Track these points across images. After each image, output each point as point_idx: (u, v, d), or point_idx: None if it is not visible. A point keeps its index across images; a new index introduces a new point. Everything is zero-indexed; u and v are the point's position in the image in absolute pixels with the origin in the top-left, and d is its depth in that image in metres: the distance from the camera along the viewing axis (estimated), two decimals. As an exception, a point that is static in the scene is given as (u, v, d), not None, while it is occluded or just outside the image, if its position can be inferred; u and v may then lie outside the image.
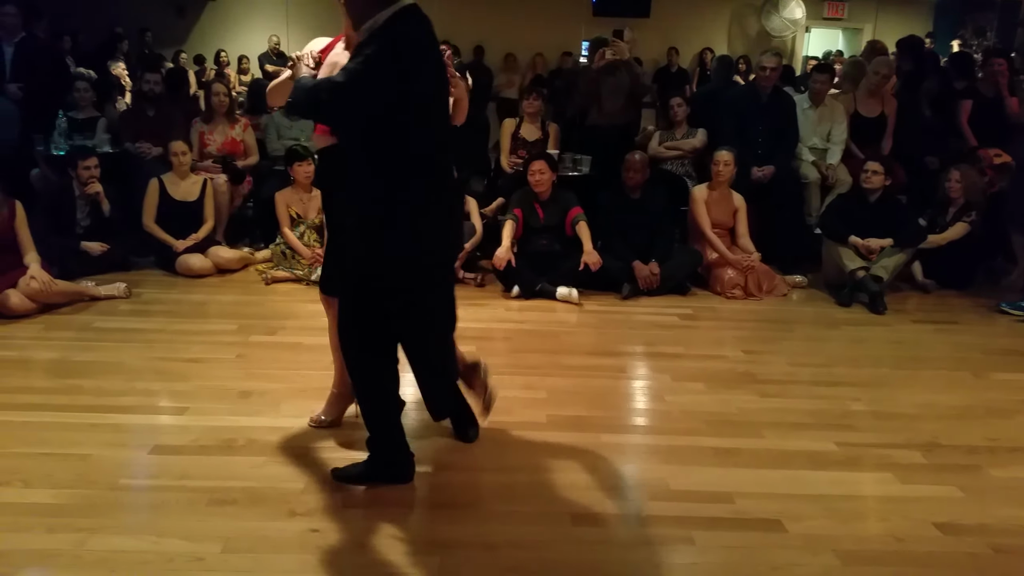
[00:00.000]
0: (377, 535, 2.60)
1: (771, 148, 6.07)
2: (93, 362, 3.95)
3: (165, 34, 11.85)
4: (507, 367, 4.10)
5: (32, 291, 4.57)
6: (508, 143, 6.37)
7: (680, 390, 3.86)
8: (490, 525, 2.66)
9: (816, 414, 3.63)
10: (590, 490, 2.90)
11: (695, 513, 2.76)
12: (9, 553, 2.43)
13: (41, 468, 2.91)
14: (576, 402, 3.67)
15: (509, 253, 5.22)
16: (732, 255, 5.55)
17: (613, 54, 6.08)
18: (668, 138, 6.52)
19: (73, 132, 6.17)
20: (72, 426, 3.26)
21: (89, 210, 5.52)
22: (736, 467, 3.11)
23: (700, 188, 5.76)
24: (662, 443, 3.30)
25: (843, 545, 2.61)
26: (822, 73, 6.61)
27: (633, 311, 5.14)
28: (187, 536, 2.54)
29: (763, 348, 4.53)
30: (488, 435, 3.29)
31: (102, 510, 2.68)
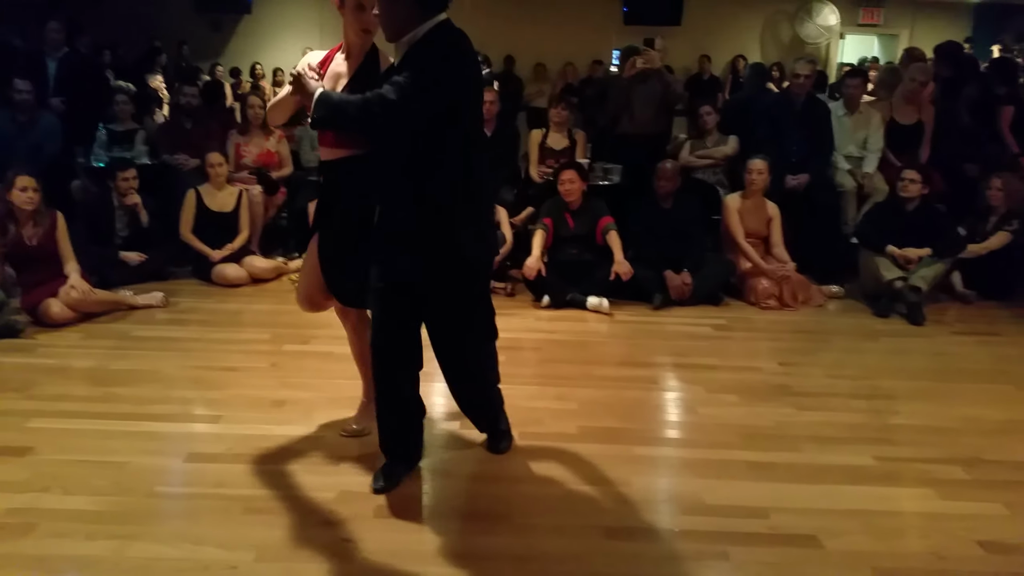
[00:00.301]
0: (409, 546, 2.61)
1: (805, 156, 6.01)
2: (131, 370, 4.01)
3: (202, 47, 12.03)
4: (538, 378, 4.10)
5: (72, 300, 4.66)
6: (536, 153, 6.39)
7: (714, 402, 3.82)
8: (522, 537, 2.65)
9: (854, 427, 3.57)
10: (623, 503, 2.88)
11: (730, 528, 2.73)
12: (50, 559, 2.47)
13: (80, 475, 2.96)
14: (608, 414, 3.65)
15: (539, 263, 5.22)
16: (766, 265, 5.49)
17: (644, 63, 6.06)
18: (699, 147, 6.48)
19: (112, 144, 6.29)
20: (110, 434, 3.31)
21: (128, 221, 5.62)
22: (772, 481, 3.06)
23: (733, 197, 5.72)
24: (696, 456, 3.27)
25: (882, 562, 2.56)
26: (855, 77, 6.53)
27: (665, 321, 5.10)
28: (222, 544, 2.56)
29: (799, 360, 4.47)
30: (519, 447, 3.28)
31: (139, 517, 2.71)
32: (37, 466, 3.01)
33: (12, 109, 5.97)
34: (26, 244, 4.71)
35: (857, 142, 6.27)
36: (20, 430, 3.31)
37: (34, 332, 4.52)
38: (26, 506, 2.74)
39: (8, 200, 4.65)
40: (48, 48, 6.53)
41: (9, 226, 4.68)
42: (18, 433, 3.28)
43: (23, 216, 4.69)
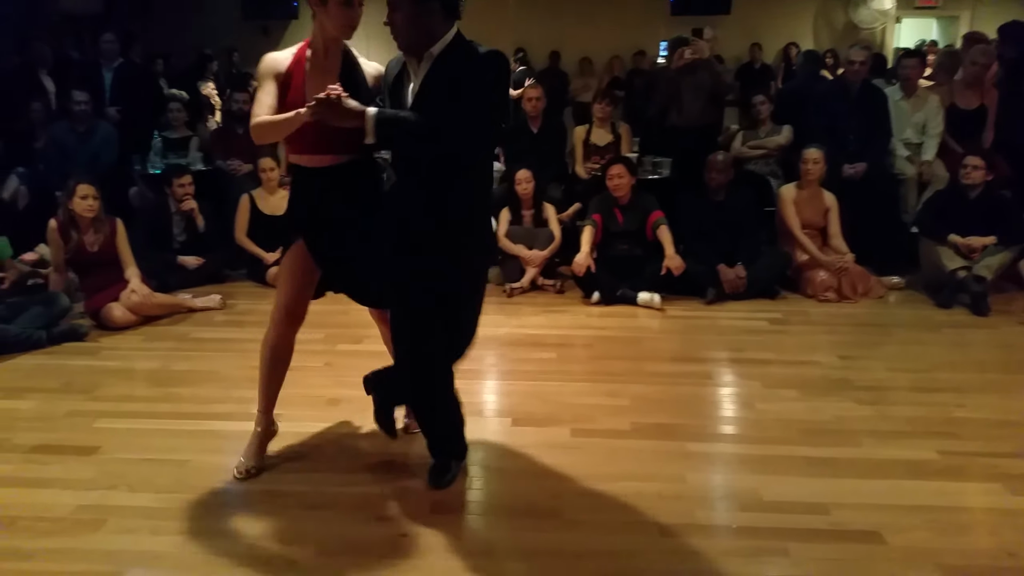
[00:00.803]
0: (463, 541, 2.62)
1: (862, 144, 5.87)
2: (191, 371, 4.10)
3: (252, 53, 12.21)
4: (589, 374, 4.09)
5: (133, 304, 4.79)
6: (581, 150, 6.36)
7: (771, 397, 3.75)
8: (575, 533, 2.64)
9: (916, 421, 3.48)
10: (678, 500, 2.85)
11: (789, 524, 2.68)
12: (117, 553, 2.54)
13: (145, 473, 3.04)
14: (661, 410, 3.61)
15: (589, 259, 5.19)
16: (824, 256, 5.39)
17: (692, 53, 5.99)
18: (752, 137, 6.39)
19: (168, 151, 6.45)
20: (173, 433, 3.39)
21: (184, 226, 5.75)
22: (832, 477, 3.01)
23: (788, 188, 5.62)
24: (753, 452, 3.22)
25: (948, 559, 2.49)
26: (912, 58, 6.36)
27: (718, 316, 5.04)
28: (281, 540, 2.61)
29: (859, 353, 4.38)
30: (572, 443, 3.27)
31: (201, 513, 2.77)
32: (104, 464, 3.10)
33: (71, 120, 6.15)
34: (88, 250, 4.85)
35: (915, 127, 6.11)
36: (88, 430, 3.41)
37: (97, 335, 4.65)
38: (95, 503, 2.82)
39: (70, 208, 4.79)
40: (103, 59, 6.71)
41: (71, 233, 4.82)
42: (86, 433, 3.38)
43: (84, 223, 4.83)
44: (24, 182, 6.27)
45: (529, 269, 5.54)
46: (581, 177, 6.31)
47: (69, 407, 3.65)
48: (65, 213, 4.82)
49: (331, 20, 2.70)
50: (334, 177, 2.83)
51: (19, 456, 3.17)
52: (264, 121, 2.69)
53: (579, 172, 6.35)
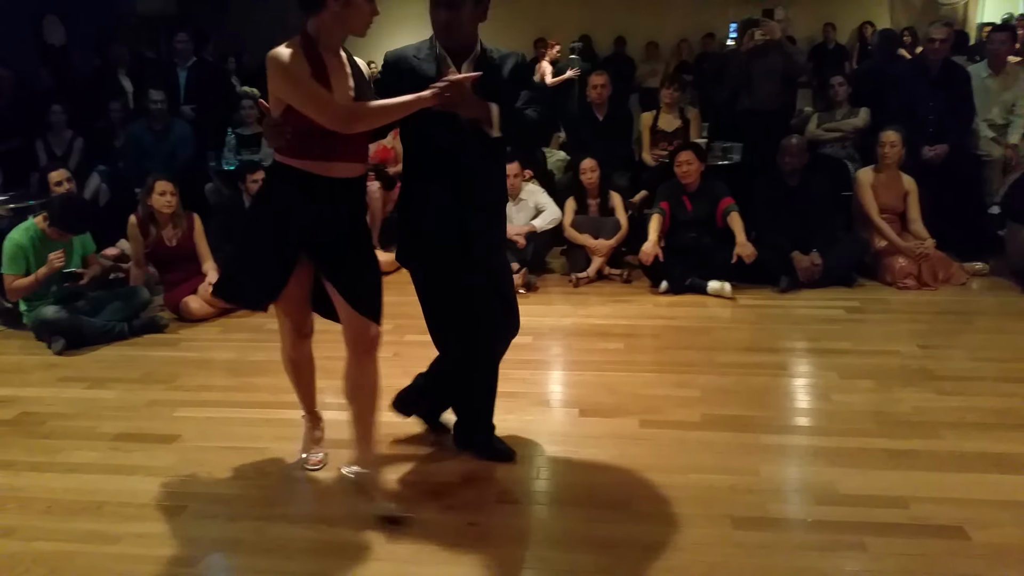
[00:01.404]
0: (533, 531, 2.63)
1: (943, 125, 5.65)
2: (266, 361, 4.19)
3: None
4: (657, 364, 4.04)
5: (210, 297, 4.92)
6: (648, 137, 6.29)
7: (848, 388, 3.66)
8: (646, 525, 2.62)
9: (1001, 413, 3.35)
10: (751, 492, 2.80)
11: (867, 518, 2.61)
12: (198, 538, 2.63)
13: (224, 460, 3.13)
14: (733, 401, 3.55)
15: (656, 248, 5.13)
16: (903, 242, 5.22)
17: (763, 34, 5.85)
18: (827, 119, 6.21)
19: (241, 148, 6.59)
20: (249, 421, 3.49)
21: (259, 219, 5.87)
22: (912, 470, 2.91)
23: (866, 171, 5.45)
24: (829, 444, 3.14)
25: (1037, 557, 2.39)
26: (1001, 32, 6.07)
27: (793, 305, 4.92)
28: (354, 526, 2.65)
29: (940, 342, 4.23)
30: (641, 434, 3.25)
31: (278, 500, 2.85)
32: (184, 452, 3.21)
33: (148, 119, 6.35)
34: (167, 245, 5.01)
35: (1003, 106, 5.85)
36: (168, 419, 3.54)
37: (176, 327, 4.81)
38: (176, 490, 2.92)
39: (149, 204, 4.95)
40: (178, 59, 6.90)
41: (151, 229, 4.99)
42: (166, 422, 3.51)
43: (163, 219, 4.99)
44: (105, 180, 6.52)
45: (595, 259, 5.51)
46: (648, 164, 6.24)
47: (150, 397, 3.78)
48: (144, 209, 4.98)
49: (357, 16, 2.55)
50: (350, 188, 2.67)
51: (104, 444, 3.31)
52: (375, 105, 2.53)
53: (646, 159, 6.28)
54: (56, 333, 4.43)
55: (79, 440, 3.34)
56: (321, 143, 2.52)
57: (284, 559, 2.51)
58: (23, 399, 3.79)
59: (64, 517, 2.76)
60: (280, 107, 2.53)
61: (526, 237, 5.44)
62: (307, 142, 2.53)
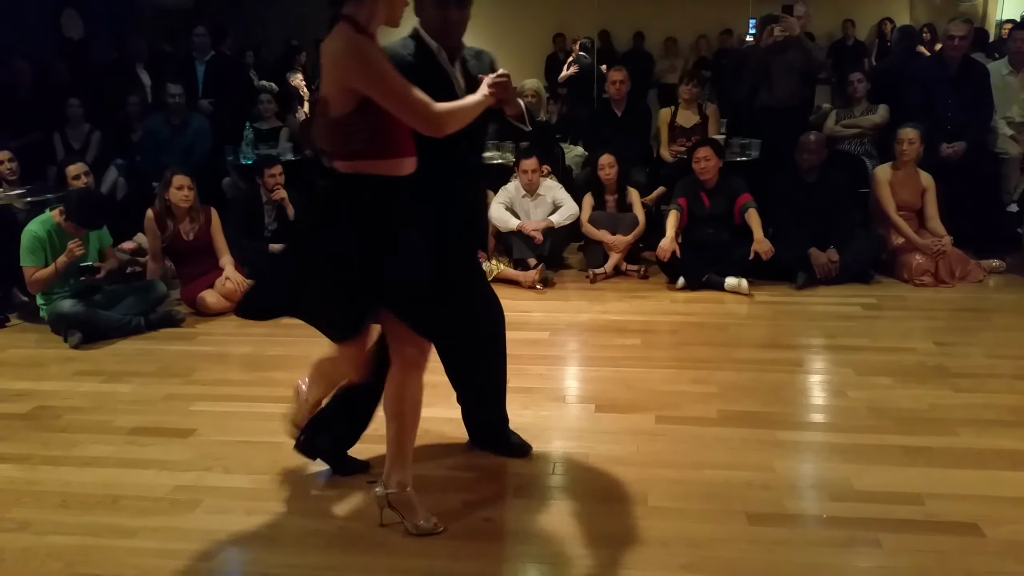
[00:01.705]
0: (547, 526, 2.62)
1: (962, 122, 5.61)
2: (283, 356, 4.21)
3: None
4: (674, 360, 4.03)
5: (227, 291, 4.95)
6: (666, 133, 6.28)
7: (864, 385, 3.64)
8: (662, 521, 2.62)
9: (1018, 410, 3.33)
10: (766, 489, 2.79)
11: (882, 515, 2.60)
12: (213, 532, 2.63)
13: (240, 455, 3.14)
14: (749, 397, 3.54)
15: (674, 244, 5.11)
16: (921, 239, 5.18)
17: (782, 30, 5.82)
18: (846, 116, 6.17)
19: (259, 142, 6.62)
20: (266, 416, 3.48)
21: (275, 214, 5.89)
22: (927, 467, 2.90)
23: (883, 168, 5.41)
24: (845, 441, 3.12)
25: (1055, 556, 2.37)
26: (1022, 30, 6.01)
27: (809, 301, 4.90)
28: (370, 520, 2.65)
29: (957, 339, 4.20)
30: (657, 430, 3.24)
31: (293, 495, 2.86)
32: (201, 447, 3.23)
33: (166, 112, 6.38)
34: (184, 239, 5.03)
35: (1022, 104, 5.79)
36: (184, 413, 3.56)
37: (193, 321, 4.84)
38: (192, 484, 2.94)
39: (166, 198, 4.98)
40: (196, 52, 6.93)
41: (168, 223, 5.01)
42: (183, 416, 3.52)
43: (180, 213, 5.01)
44: (122, 173, 6.55)
45: (612, 254, 5.50)
46: (666, 160, 6.22)
47: (167, 391, 3.80)
48: (162, 203, 5.00)
49: (395, 8, 2.41)
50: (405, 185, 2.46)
51: (120, 438, 3.33)
52: (455, 107, 2.39)
53: (664, 155, 6.27)
54: (73, 327, 4.46)
55: (95, 434, 3.37)
56: (394, 139, 2.36)
57: (300, 553, 2.52)
58: (39, 393, 3.82)
59: (79, 511, 2.78)
60: (348, 104, 2.30)
61: (543, 232, 5.44)
62: (380, 140, 2.33)
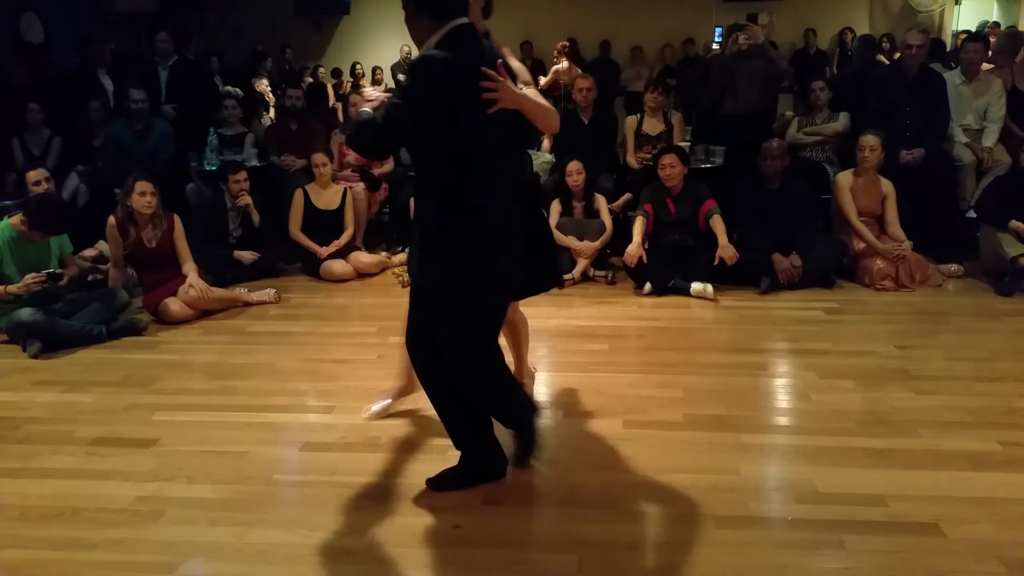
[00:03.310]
0: (516, 533, 2.63)
1: (920, 130, 5.72)
2: (247, 364, 4.18)
3: (304, 50, 12.39)
4: (641, 365, 4.06)
5: (191, 298, 4.89)
6: (632, 140, 6.32)
7: (827, 388, 3.69)
8: (629, 525, 2.63)
9: (977, 412, 3.39)
10: (732, 492, 2.81)
11: (845, 516, 2.64)
12: (177, 544, 2.60)
13: (203, 464, 3.10)
14: (714, 401, 3.57)
15: (640, 249, 5.15)
16: (881, 244, 5.27)
17: (747, 39, 5.90)
18: (808, 123, 6.27)
19: (223, 148, 6.55)
20: (230, 425, 3.46)
21: (240, 221, 5.85)
22: (889, 468, 2.94)
23: (845, 175, 5.50)
24: (808, 443, 3.16)
25: (1010, 552, 2.43)
26: (975, 42, 6.16)
27: (773, 306, 4.95)
28: (337, 530, 2.64)
29: (917, 342, 4.27)
30: (624, 435, 3.25)
31: (258, 504, 2.82)
32: (163, 456, 3.18)
33: (129, 118, 6.29)
34: (146, 246, 4.96)
35: (976, 112, 5.94)
36: (146, 423, 3.50)
37: (156, 330, 4.77)
38: (154, 494, 2.89)
39: (128, 205, 4.89)
40: (159, 57, 6.84)
41: (130, 229, 4.93)
42: (145, 426, 3.47)
43: (143, 220, 4.93)
44: (83, 180, 6.45)
45: (580, 260, 5.52)
46: (632, 167, 6.27)
47: (128, 400, 3.74)
48: (124, 210, 4.93)
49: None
50: None
51: (81, 448, 3.27)
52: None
53: (630, 162, 6.31)
54: (32, 336, 4.37)
55: (55, 445, 3.30)
56: None
57: (264, 564, 2.49)
58: (-2, 402, 3.74)
59: (38, 524, 2.72)
60: None
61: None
62: None
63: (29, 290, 4.40)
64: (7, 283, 4.44)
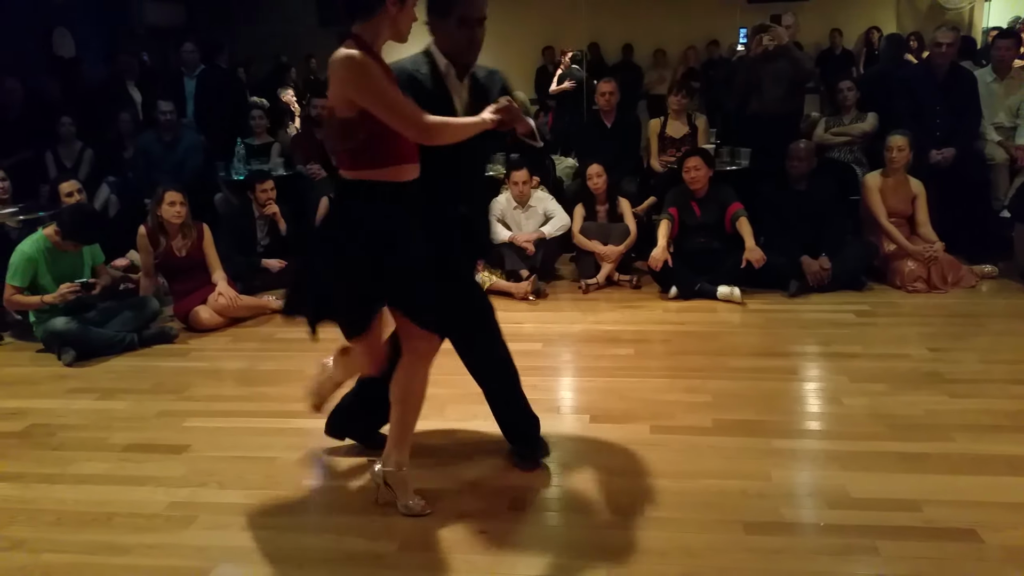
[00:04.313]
0: (543, 539, 2.62)
1: (951, 129, 5.64)
2: (276, 371, 4.21)
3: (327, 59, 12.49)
4: (667, 370, 4.03)
5: (220, 306, 4.94)
6: (656, 143, 6.30)
7: (859, 392, 3.64)
8: (658, 531, 2.61)
9: (1014, 415, 3.33)
10: (763, 497, 2.78)
11: (879, 522, 2.60)
12: (208, 548, 2.62)
13: (234, 470, 3.13)
14: (744, 406, 3.54)
15: (666, 253, 5.12)
16: (912, 246, 5.20)
17: (771, 39, 5.86)
18: (835, 124, 6.21)
19: (251, 158, 6.62)
20: (260, 431, 3.49)
21: (268, 229, 5.90)
22: (924, 473, 2.90)
23: (873, 175, 5.44)
24: (840, 448, 3.12)
25: (1053, 560, 2.38)
26: (1005, 38, 6.07)
27: (802, 309, 4.90)
28: (366, 535, 2.65)
29: (951, 345, 4.21)
30: (652, 440, 3.23)
31: (289, 509, 2.84)
32: (195, 462, 3.21)
33: (157, 129, 6.38)
34: (176, 255, 5.02)
35: (1009, 110, 5.85)
36: (178, 429, 3.54)
37: (186, 337, 4.82)
38: (186, 500, 2.92)
39: (158, 215, 4.97)
40: (185, 68, 6.92)
41: (160, 239, 5.00)
42: (177, 432, 3.51)
43: (172, 229, 5.00)
44: (114, 191, 6.54)
45: (604, 265, 5.50)
46: (656, 170, 6.24)
47: (160, 407, 3.79)
48: (154, 220, 5.00)
49: (406, 20, 2.58)
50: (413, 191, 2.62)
51: (114, 455, 3.31)
52: (453, 122, 2.54)
53: (654, 165, 6.29)
54: (66, 344, 4.44)
55: (89, 451, 3.35)
56: (394, 148, 2.50)
57: (295, 568, 2.51)
58: (33, 411, 3.80)
59: (74, 529, 2.77)
60: (349, 112, 2.48)
61: (535, 244, 5.44)
62: (380, 149, 2.48)
63: (64, 300, 4.47)
64: (42, 293, 4.51)
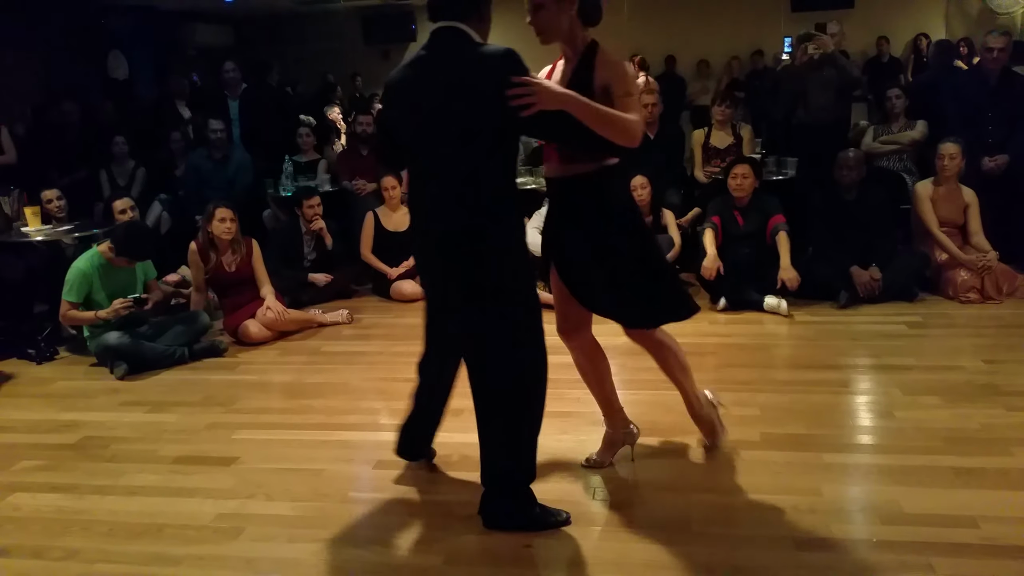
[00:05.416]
0: (589, 554, 2.59)
1: (1004, 135, 5.52)
2: (323, 383, 4.25)
3: (373, 77, 12.66)
4: (714, 383, 3.95)
5: (268, 320, 5.01)
6: (700, 154, 6.25)
7: (912, 405, 3.56)
8: (706, 548, 2.57)
9: (1076, 429, 3.22)
10: (813, 513, 2.73)
11: (934, 538, 2.53)
12: (257, 560, 2.65)
13: (281, 482, 3.16)
14: (793, 419, 3.48)
15: (717, 261, 5.04)
16: (965, 255, 5.08)
17: (816, 48, 5.79)
18: (884, 132, 6.10)
19: (298, 174, 6.72)
20: (307, 443, 3.53)
21: (314, 245, 5.99)
22: (981, 488, 2.82)
23: (924, 184, 5.33)
24: (893, 463, 3.05)
25: (1120, 580, 2.29)
26: None
27: (853, 320, 4.81)
28: (411, 548, 2.66)
29: (1007, 357, 4.09)
30: (698, 454, 3.20)
31: (335, 521, 2.86)
32: (243, 474, 3.25)
33: (208, 147, 6.51)
34: (226, 270, 5.12)
35: (1064, 115, 5.68)
36: (227, 441, 3.59)
37: (236, 351, 4.90)
38: (234, 511, 2.96)
39: (209, 231, 5.07)
40: (227, 88, 7.04)
41: (211, 255, 5.10)
42: (225, 444, 3.56)
43: (223, 245, 5.10)
44: (166, 208, 6.69)
45: (649, 277, 5.45)
46: (700, 181, 6.20)
47: (210, 419, 3.85)
48: (205, 236, 5.10)
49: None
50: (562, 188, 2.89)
51: (164, 467, 3.37)
52: None
53: (698, 176, 6.24)
54: (119, 358, 4.54)
55: (140, 463, 3.41)
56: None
57: (342, 580, 2.53)
58: (87, 423, 3.89)
59: (126, 539, 2.81)
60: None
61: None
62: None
63: (117, 315, 4.57)
64: (97, 308, 4.62)
